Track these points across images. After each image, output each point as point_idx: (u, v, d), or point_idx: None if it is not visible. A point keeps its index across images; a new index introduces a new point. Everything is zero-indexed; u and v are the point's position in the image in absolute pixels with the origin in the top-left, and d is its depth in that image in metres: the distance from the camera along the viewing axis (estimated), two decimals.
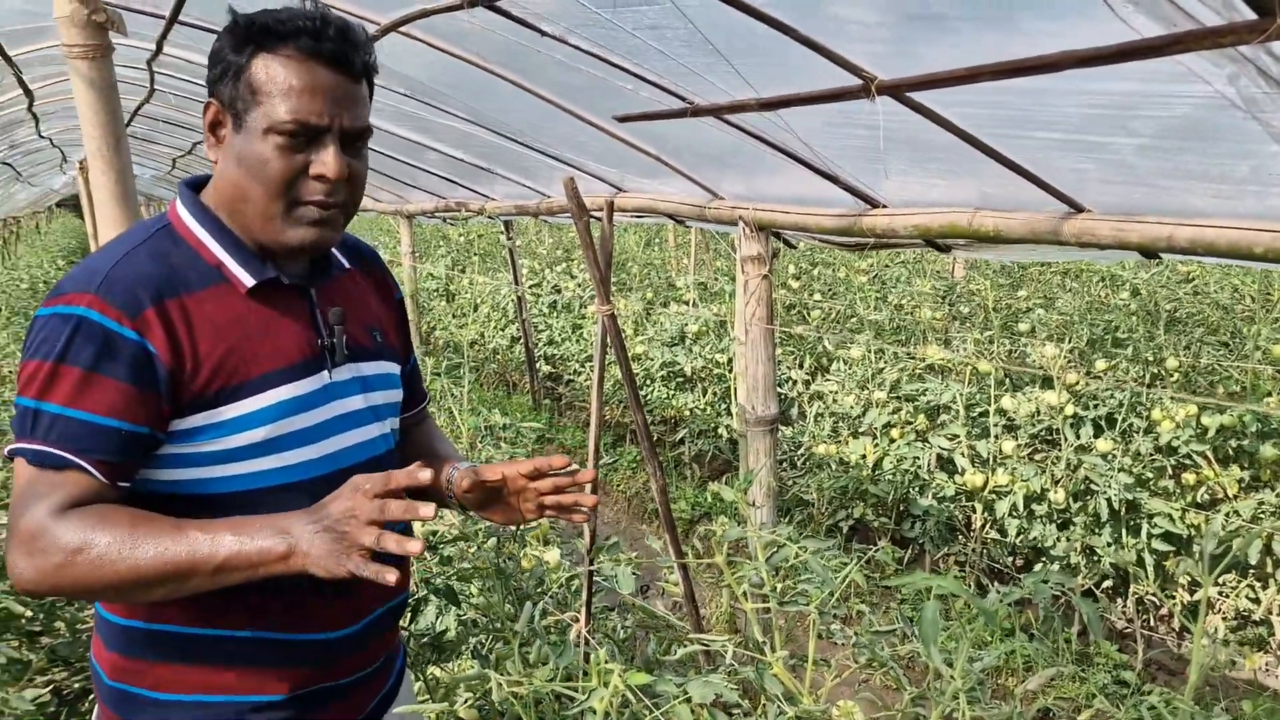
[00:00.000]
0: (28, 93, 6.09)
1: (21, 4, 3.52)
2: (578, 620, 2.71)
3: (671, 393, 6.97)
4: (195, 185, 1.46)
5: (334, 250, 1.56)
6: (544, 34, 2.79)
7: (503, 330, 9.46)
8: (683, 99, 3.00)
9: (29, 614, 3.87)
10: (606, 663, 1.46)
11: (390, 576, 1.17)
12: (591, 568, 2.72)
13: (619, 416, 7.60)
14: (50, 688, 4.14)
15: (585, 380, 7.98)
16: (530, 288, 9.16)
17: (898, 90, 2.33)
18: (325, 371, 1.45)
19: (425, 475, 1.22)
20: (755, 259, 3.92)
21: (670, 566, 3.03)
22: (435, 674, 2.63)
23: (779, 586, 1.68)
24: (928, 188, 2.99)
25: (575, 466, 1.59)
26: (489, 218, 6.47)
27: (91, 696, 4.30)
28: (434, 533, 3.09)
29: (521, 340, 8.35)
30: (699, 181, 4.02)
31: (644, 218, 4.71)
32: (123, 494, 1.33)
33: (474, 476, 1.57)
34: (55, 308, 1.29)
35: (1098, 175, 2.47)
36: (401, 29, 3.30)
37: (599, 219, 2.76)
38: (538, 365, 8.35)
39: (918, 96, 2.37)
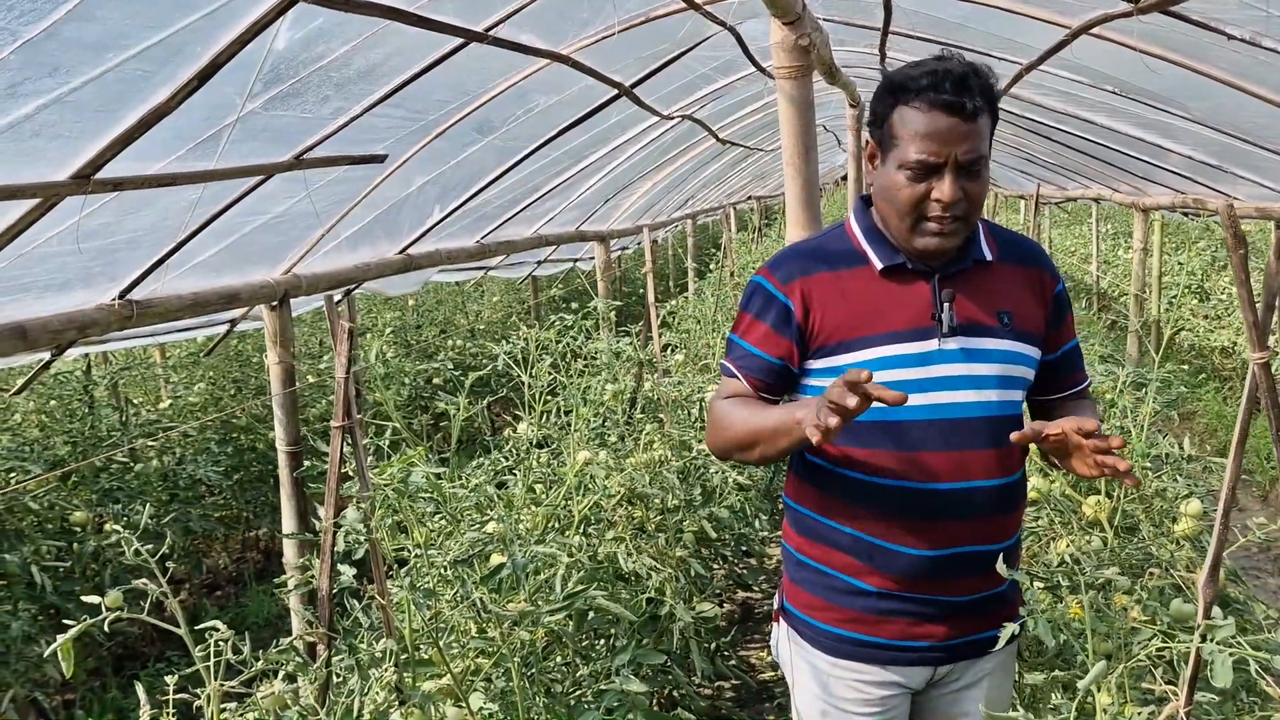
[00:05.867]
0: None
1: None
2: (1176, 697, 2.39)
3: None
4: (867, 200, 1.91)
5: (982, 246, 1.86)
6: (1231, 38, 2.45)
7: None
8: None
9: (722, 539, 4.61)
10: None
11: (815, 438, 1.51)
12: (1200, 640, 2.37)
13: None
14: (721, 606, 4.89)
15: None
16: None
17: None
18: (934, 339, 1.79)
19: (864, 374, 1.49)
20: None
21: None
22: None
23: None
24: None
25: (1110, 434, 1.82)
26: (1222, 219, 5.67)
27: (757, 612, 5.00)
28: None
29: None
30: None
31: None
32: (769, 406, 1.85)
33: (1036, 429, 1.74)
34: (754, 277, 1.91)
35: None
36: (1092, 31, 3.14)
37: None
38: None
39: None
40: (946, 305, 1.79)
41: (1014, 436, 1.73)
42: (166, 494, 5.17)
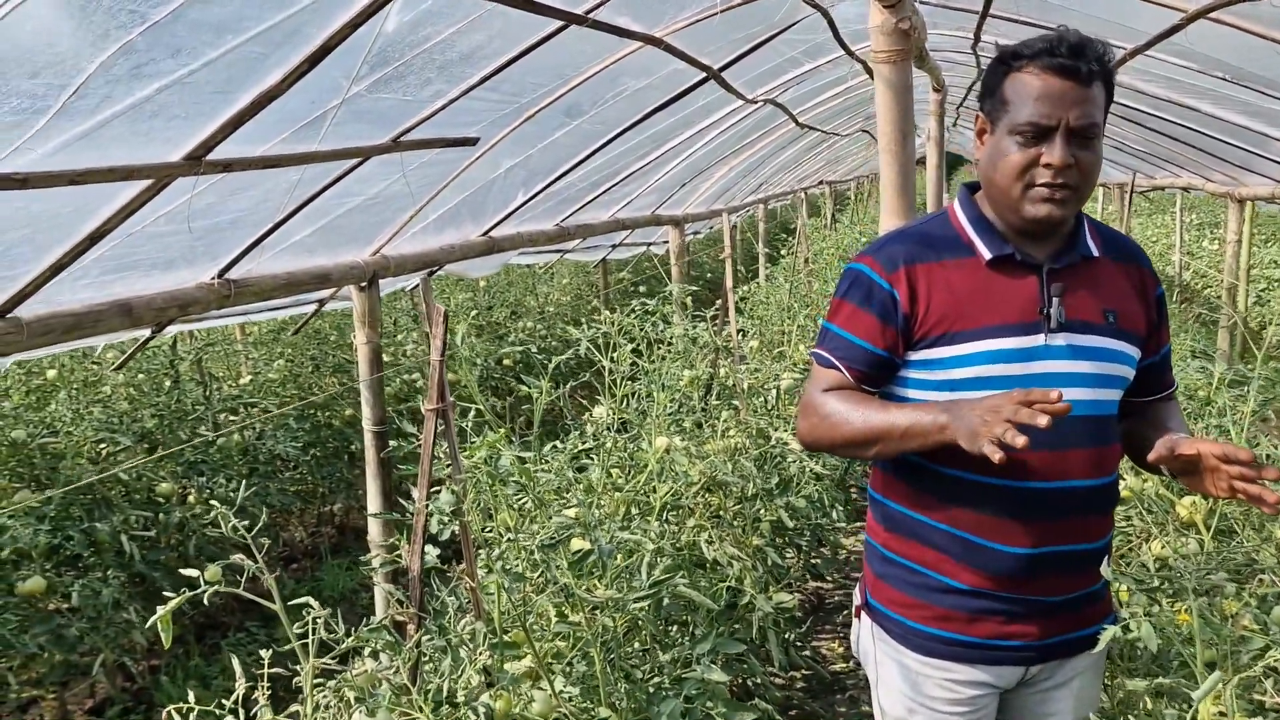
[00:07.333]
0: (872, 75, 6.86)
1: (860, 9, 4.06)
2: None
3: None
4: (972, 187, 1.87)
5: (1088, 240, 1.81)
6: None
7: None
8: None
9: (798, 528, 4.55)
10: None
11: (996, 456, 1.49)
12: None
13: None
14: (795, 596, 4.85)
15: None
16: None
17: None
18: (1041, 334, 1.74)
19: (1055, 394, 1.49)
20: None
21: None
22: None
23: None
24: None
25: (1263, 462, 1.68)
26: None
27: (828, 603, 4.96)
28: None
29: None
30: None
31: None
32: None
33: (1170, 446, 1.68)
34: (852, 264, 1.86)
35: None
36: (1209, 16, 3.02)
37: None
38: None
39: None
40: (1055, 300, 1.73)
41: (1151, 457, 1.69)
42: (246, 468, 5.26)
